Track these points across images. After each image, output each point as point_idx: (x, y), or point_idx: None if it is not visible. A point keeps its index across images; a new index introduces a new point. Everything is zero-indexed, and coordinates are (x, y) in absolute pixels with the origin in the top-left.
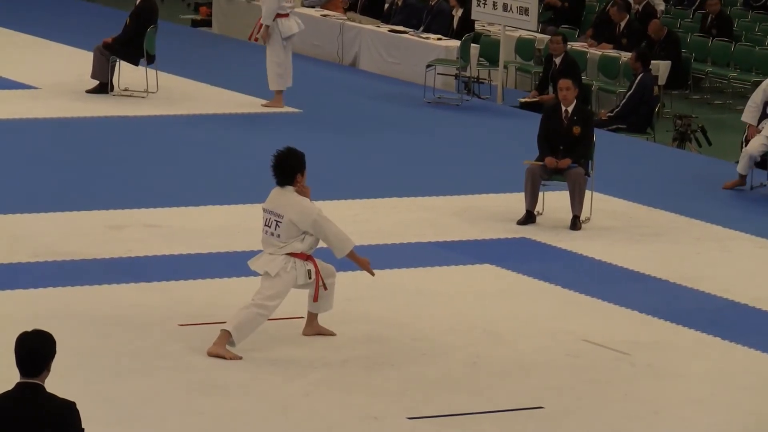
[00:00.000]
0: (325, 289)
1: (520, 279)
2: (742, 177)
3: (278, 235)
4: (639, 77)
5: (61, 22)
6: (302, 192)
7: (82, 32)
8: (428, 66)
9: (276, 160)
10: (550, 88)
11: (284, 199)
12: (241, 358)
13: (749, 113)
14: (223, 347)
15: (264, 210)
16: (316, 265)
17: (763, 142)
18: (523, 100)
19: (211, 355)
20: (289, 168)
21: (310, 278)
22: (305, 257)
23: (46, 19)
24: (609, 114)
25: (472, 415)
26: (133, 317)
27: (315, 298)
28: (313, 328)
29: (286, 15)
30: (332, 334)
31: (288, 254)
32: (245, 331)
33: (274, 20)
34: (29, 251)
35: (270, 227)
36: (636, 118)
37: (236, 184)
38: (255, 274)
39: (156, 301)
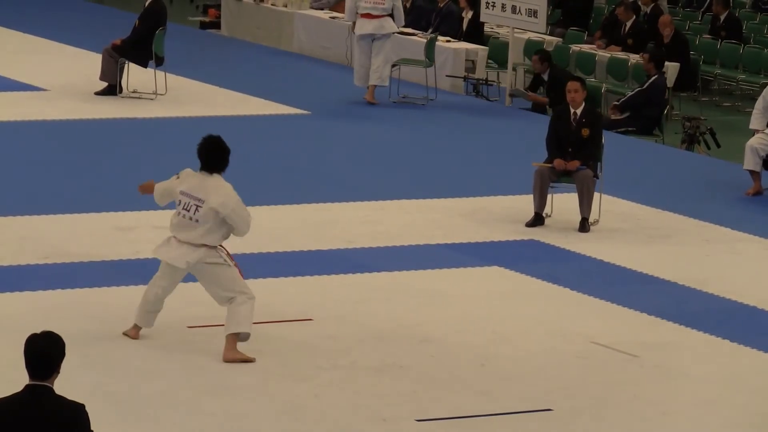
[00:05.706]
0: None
1: (529, 281)
2: (757, 181)
3: (197, 220)
4: (653, 79)
5: (70, 24)
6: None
7: (90, 34)
8: (393, 65)
9: (210, 144)
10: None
11: (210, 184)
12: (254, 360)
13: (756, 120)
14: (235, 350)
15: (182, 193)
16: (227, 252)
17: (764, 140)
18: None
19: (227, 361)
20: (222, 155)
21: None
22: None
23: (55, 21)
24: (615, 103)
25: (481, 417)
26: None
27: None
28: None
29: (366, 15)
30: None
31: (205, 246)
32: (249, 322)
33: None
34: (37, 253)
35: (189, 211)
36: (644, 119)
37: (244, 186)
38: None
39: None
